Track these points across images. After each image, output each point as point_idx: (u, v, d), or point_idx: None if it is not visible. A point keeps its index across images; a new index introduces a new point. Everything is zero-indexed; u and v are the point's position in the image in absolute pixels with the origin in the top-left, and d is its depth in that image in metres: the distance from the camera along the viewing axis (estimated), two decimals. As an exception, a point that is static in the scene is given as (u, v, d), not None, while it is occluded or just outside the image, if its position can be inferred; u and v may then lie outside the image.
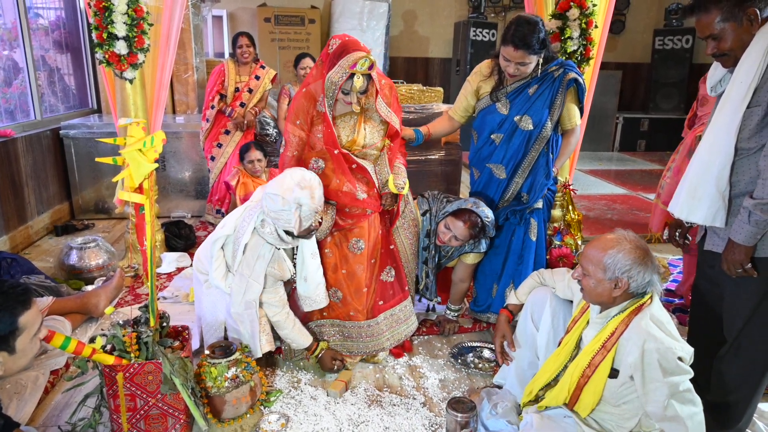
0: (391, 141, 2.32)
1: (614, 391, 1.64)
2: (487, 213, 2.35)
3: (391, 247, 2.40)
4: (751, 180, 1.62)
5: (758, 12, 1.56)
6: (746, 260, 1.63)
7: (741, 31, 1.59)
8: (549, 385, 1.83)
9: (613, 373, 1.63)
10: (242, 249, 2.09)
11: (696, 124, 3.22)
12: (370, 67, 2.04)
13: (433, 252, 2.52)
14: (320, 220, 2.18)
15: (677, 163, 3.20)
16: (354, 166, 2.21)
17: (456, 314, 2.67)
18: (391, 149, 2.33)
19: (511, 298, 2.17)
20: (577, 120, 2.49)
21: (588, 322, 1.75)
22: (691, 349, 1.57)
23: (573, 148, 2.57)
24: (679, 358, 1.53)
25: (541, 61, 2.33)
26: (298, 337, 2.23)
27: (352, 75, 2.03)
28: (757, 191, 1.57)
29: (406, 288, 2.45)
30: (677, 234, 2.01)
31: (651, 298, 1.63)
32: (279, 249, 2.15)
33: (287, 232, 2.08)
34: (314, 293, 2.23)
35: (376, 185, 2.28)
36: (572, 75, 2.35)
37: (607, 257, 1.60)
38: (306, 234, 2.11)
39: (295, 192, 1.98)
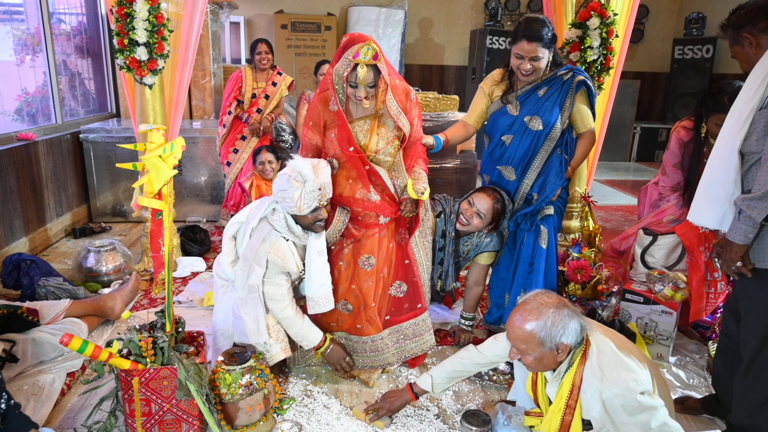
0: (409, 149, 2.28)
1: None
2: (505, 193, 2.46)
3: (406, 261, 2.32)
4: None
5: (751, 35, 1.68)
6: (737, 259, 1.64)
7: (745, 54, 1.72)
8: None
9: (587, 426, 1.63)
10: (248, 233, 2.14)
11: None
12: (375, 57, 1.99)
13: (450, 248, 2.52)
14: (326, 205, 2.13)
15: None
16: (367, 167, 2.18)
17: (470, 324, 2.64)
18: (409, 155, 2.29)
19: (425, 383, 1.97)
20: (590, 123, 2.50)
21: (546, 380, 1.75)
22: (649, 377, 1.57)
23: (588, 150, 2.56)
24: (642, 392, 1.52)
25: (551, 59, 2.37)
26: (309, 334, 2.20)
27: (356, 66, 2.00)
28: (755, 186, 1.57)
29: (419, 306, 2.35)
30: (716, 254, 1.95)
31: (588, 341, 1.63)
32: (287, 240, 2.14)
33: (296, 221, 2.10)
34: (317, 294, 2.19)
35: (392, 192, 2.24)
36: (581, 77, 2.39)
37: (538, 331, 1.58)
38: (313, 222, 2.10)
39: (299, 165, 2.03)
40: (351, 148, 2.14)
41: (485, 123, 2.63)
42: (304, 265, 2.21)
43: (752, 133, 1.60)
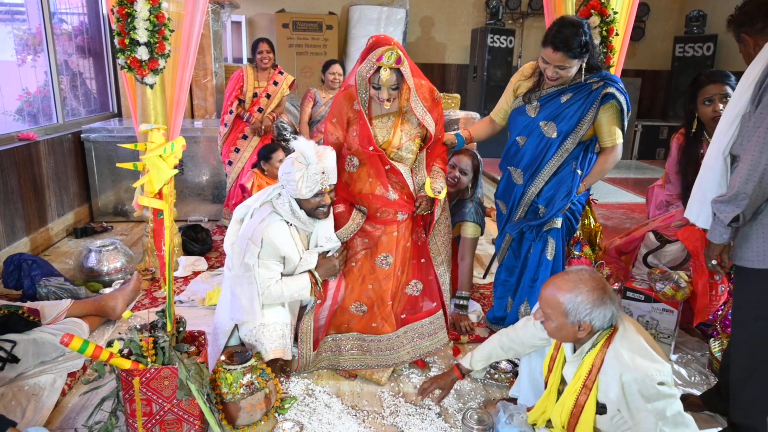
0: (432, 148, 2.30)
1: (609, 425, 1.62)
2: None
3: (423, 260, 2.32)
4: None
5: (749, 36, 1.69)
6: (713, 257, 1.70)
7: (746, 52, 1.74)
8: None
9: (601, 409, 1.62)
10: (250, 214, 2.17)
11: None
12: (398, 61, 2.02)
13: None
14: (330, 191, 2.15)
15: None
16: (387, 167, 2.19)
17: (465, 305, 2.69)
18: (430, 154, 2.31)
19: (466, 360, 2.04)
20: (617, 138, 2.33)
21: (565, 360, 1.74)
22: (671, 371, 1.56)
23: (606, 168, 2.39)
24: (661, 383, 1.51)
25: (584, 66, 2.23)
26: (296, 287, 2.17)
27: (379, 68, 2.03)
28: (727, 188, 1.60)
29: (434, 304, 2.37)
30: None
31: (616, 328, 1.62)
32: (290, 225, 2.16)
33: (300, 206, 2.13)
34: (309, 255, 2.22)
35: (411, 189, 2.25)
36: (610, 90, 2.22)
37: (566, 302, 1.58)
38: (316, 208, 2.13)
39: (303, 148, 2.05)
40: (371, 148, 2.16)
41: None
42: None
43: (739, 136, 1.60)
